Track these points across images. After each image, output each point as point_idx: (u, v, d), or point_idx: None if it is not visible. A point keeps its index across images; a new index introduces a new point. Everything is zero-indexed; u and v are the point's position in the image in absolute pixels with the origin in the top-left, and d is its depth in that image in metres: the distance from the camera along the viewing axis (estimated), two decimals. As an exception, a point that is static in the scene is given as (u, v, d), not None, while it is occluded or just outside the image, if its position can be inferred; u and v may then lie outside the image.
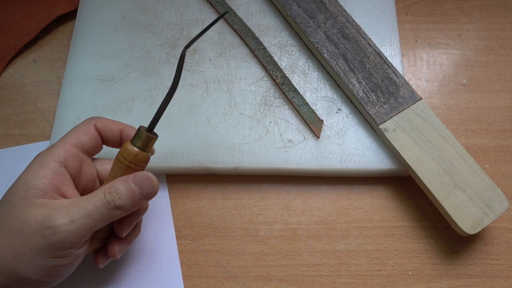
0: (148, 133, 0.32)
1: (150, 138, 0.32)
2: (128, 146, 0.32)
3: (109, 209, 0.30)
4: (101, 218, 0.30)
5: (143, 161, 0.32)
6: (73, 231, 0.29)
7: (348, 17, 0.44)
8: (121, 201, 0.31)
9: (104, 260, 0.35)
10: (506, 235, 0.39)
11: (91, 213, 0.30)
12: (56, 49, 0.48)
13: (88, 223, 0.30)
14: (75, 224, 0.29)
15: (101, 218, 0.30)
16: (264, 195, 0.41)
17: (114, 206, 0.31)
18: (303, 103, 0.42)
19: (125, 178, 0.31)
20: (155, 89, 0.44)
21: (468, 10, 0.49)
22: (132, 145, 0.32)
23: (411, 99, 0.40)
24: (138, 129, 0.32)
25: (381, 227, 0.40)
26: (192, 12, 0.48)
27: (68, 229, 0.29)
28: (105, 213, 0.30)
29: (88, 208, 0.30)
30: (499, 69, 0.46)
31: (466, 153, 0.38)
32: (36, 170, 0.31)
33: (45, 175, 0.31)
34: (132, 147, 0.32)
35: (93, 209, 0.30)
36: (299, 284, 0.38)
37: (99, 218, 0.30)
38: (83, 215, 0.30)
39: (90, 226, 0.30)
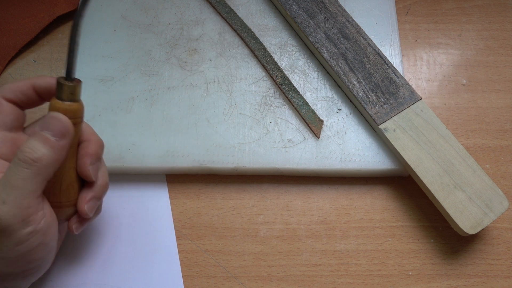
0: (69, 81, 0.30)
1: (73, 87, 0.30)
2: (54, 103, 0.30)
3: (29, 167, 0.28)
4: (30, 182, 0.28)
5: (77, 112, 0.31)
6: (9, 211, 0.27)
7: (348, 17, 0.44)
8: (36, 153, 0.28)
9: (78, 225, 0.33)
10: (506, 235, 0.39)
11: (16, 183, 0.27)
12: (56, 49, 0.48)
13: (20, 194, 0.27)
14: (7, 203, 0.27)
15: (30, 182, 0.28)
16: (264, 195, 0.41)
17: (32, 160, 0.28)
18: (303, 103, 0.42)
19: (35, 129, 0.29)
20: (155, 89, 0.44)
21: (468, 10, 0.49)
22: (58, 100, 0.30)
23: (411, 99, 0.40)
24: (57, 81, 0.30)
25: (381, 227, 0.40)
26: (192, 12, 0.48)
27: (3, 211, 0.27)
28: (29, 174, 0.28)
29: (10, 180, 0.27)
30: (499, 69, 0.46)
31: (466, 153, 0.38)
32: None
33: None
34: (57, 101, 0.30)
35: (15, 178, 0.27)
36: (299, 284, 0.38)
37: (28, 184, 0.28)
38: (10, 189, 0.27)
39: (23, 196, 0.27)
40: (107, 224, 0.40)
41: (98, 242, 0.39)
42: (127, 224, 0.40)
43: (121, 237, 0.39)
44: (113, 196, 0.41)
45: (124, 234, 0.40)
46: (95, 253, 0.39)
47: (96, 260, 0.39)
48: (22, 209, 0.27)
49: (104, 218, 0.40)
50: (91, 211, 0.33)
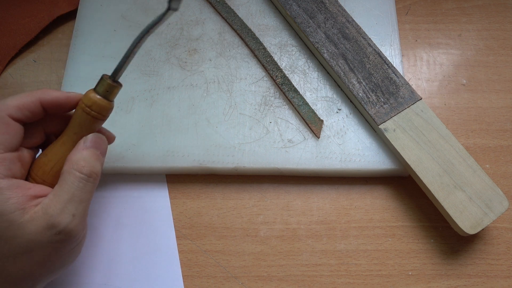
0: (111, 81, 0.32)
1: (113, 86, 0.32)
2: (90, 93, 0.32)
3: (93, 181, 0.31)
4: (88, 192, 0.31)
5: (104, 109, 0.32)
6: (78, 223, 0.30)
7: (348, 17, 0.44)
8: (96, 167, 0.32)
9: None
10: (506, 235, 0.39)
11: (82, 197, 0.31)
12: (56, 49, 0.48)
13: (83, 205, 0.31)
14: (76, 216, 0.30)
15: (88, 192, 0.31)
16: (264, 195, 0.41)
17: (96, 175, 0.32)
18: (303, 103, 0.42)
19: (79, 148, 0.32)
20: (155, 89, 0.44)
21: (468, 10, 0.49)
22: (94, 92, 0.32)
23: (411, 99, 0.40)
24: (102, 76, 0.32)
25: (381, 227, 0.40)
26: (192, 12, 0.48)
27: (74, 223, 0.30)
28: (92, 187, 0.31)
29: (76, 195, 0.30)
30: (499, 69, 0.46)
31: (466, 153, 0.38)
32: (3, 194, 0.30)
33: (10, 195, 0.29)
34: (93, 94, 0.32)
35: (81, 192, 0.31)
36: (299, 284, 0.38)
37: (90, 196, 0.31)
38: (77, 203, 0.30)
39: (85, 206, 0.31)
40: (107, 224, 0.40)
41: (98, 242, 0.39)
42: (127, 224, 0.40)
43: (121, 237, 0.39)
44: (113, 196, 0.41)
45: (124, 234, 0.40)
46: (95, 253, 0.39)
47: (96, 260, 0.39)
48: (85, 219, 0.31)
49: (104, 218, 0.40)
50: None
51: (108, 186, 0.41)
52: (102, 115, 0.33)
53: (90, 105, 0.32)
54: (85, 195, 0.31)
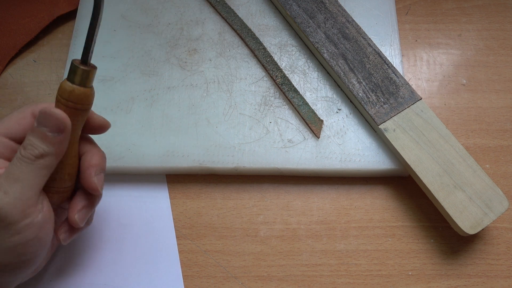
0: (82, 65, 0.29)
1: (86, 71, 0.29)
2: (64, 84, 0.29)
3: (32, 162, 0.28)
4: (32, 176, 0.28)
5: (82, 97, 0.29)
6: (10, 202, 0.28)
7: (348, 17, 0.44)
8: (37, 149, 0.29)
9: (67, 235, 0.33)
10: (506, 235, 0.39)
11: (18, 176, 0.28)
12: (56, 49, 0.48)
13: (22, 186, 0.28)
14: (9, 194, 0.28)
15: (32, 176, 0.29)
16: (264, 195, 0.41)
17: (34, 157, 0.28)
18: (303, 103, 0.42)
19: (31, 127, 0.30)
20: (155, 89, 0.44)
21: (468, 10, 0.49)
22: (68, 82, 0.29)
23: (411, 99, 0.40)
24: (72, 63, 0.29)
25: (381, 227, 0.40)
26: (192, 12, 0.48)
27: (4, 202, 0.27)
28: (32, 169, 0.28)
29: (13, 173, 0.28)
30: (499, 69, 0.46)
31: (466, 153, 0.38)
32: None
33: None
34: (67, 83, 0.29)
35: (18, 172, 0.28)
36: (299, 284, 0.38)
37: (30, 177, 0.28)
38: (12, 181, 0.28)
39: (25, 188, 0.28)
40: (107, 224, 0.40)
41: (98, 242, 0.39)
42: (127, 224, 0.40)
43: (121, 237, 0.39)
44: (113, 196, 0.41)
45: (124, 234, 0.40)
46: (95, 253, 0.39)
47: (96, 260, 0.39)
48: (23, 201, 0.28)
49: (104, 218, 0.40)
50: (82, 221, 0.32)
51: (108, 186, 0.41)
52: (84, 104, 0.30)
53: (67, 97, 0.29)
54: (25, 175, 0.28)
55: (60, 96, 0.29)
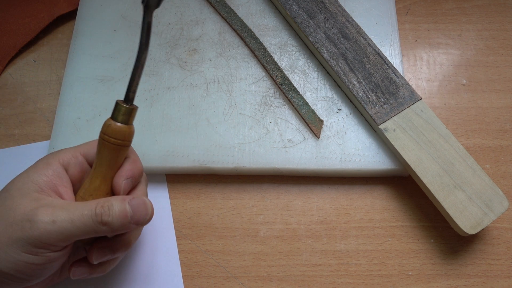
0: (126, 104, 0.31)
1: (131, 109, 0.31)
2: (109, 122, 0.31)
3: (95, 221, 0.29)
4: (84, 229, 0.29)
5: (127, 135, 0.31)
6: (51, 231, 0.28)
7: (348, 17, 0.44)
8: (110, 217, 0.30)
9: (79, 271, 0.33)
10: (506, 235, 0.39)
11: (74, 219, 0.29)
12: (56, 49, 0.48)
13: (69, 229, 0.29)
14: (55, 225, 0.28)
15: (84, 229, 0.29)
16: (264, 195, 0.41)
17: (101, 221, 0.29)
18: (303, 103, 0.42)
19: (122, 198, 0.31)
20: (155, 89, 0.44)
21: (468, 10, 0.49)
22: (113, 120, 0.31)
23: (411, 99, 0.40)
24: (116, 102, 0.31)
25: (381, 227, 0.40)
26: (192, 12, 0.48)
27: (46, 228, 0.28)
28: (90, 224, 0.29)
29: (74, 214, 0.29)
30: (499, 69, 0.46)
31: (466, 153, 0.38)
32: (39, 167, 0.32)
33: (46, 173, 0.31)
34: (113, 122, 0.31)
35: (79, 217, 0.29)
36: (299, 284, 0.38)
37: (82, 228, 0.29)
38: (67, 219, 0.29)
39: (70, 232, 0.29)
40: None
41: (98, 242, 0.39)
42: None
43: (121, 237, 0.39)
44: (113, 196, 0.41)
45: (124, 234, 0.40)
46: (95, 253, 0.39)
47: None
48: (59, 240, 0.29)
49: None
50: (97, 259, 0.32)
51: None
52: (127, 141, 0.32)
53: (112, 135, 0.30)
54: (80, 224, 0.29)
55: (107, 135, 0.31)
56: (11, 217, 0.29)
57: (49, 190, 0.31)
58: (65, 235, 0.29)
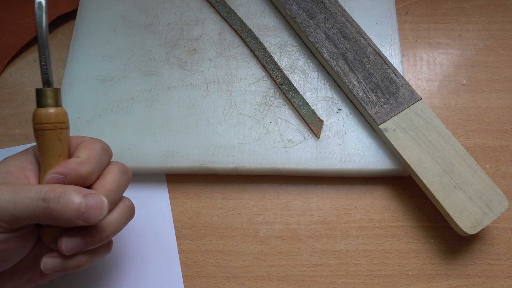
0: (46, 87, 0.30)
1: (56, 90, 0.30)
2: (37, 111, 0.30)
3: (40, 206, 0.27)
4: (25, 211, 0.27)
5: (65, 115, 0.31)
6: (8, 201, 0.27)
7: (348, 17, 0.44)
8: (58, 205, 0.27)
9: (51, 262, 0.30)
10: (506, 235, 0.39)
11: (17, 200, 0.27)
12: (56, 49, 0.48)
13: (9, 209, 0.27)
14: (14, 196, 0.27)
15: (26, 212, 0.27)
16: (264, 195, 0.41)
17: (48, 206, 0.27)
18: (303, 103, 0.42)
19: (79, 189, 0.28)
20: (155, 89, 0.44)
21: (468, 10, 0.49)
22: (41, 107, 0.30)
23: (411, 99, 0.40)
24: (37, 90, 0.30)
25: (381, 227, 0.40)
26: (192, 12, 0.48)
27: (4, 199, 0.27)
28: (32, 208, 0.27)
29: (19, 195, 0.27)
30: (499, 69, 0.46)
31: (466, 153, 0.38)
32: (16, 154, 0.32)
33: (20, 157, 0.31)
34: (45, 108, 0.30)
35: (23, 198, 0.27)
36: (299, 284, 0.38)
37: (23, 210, 0.27)
38: (9, 198, 0.27)
39: (10, 213, 0.27)
40: (107, 224, 0.40)
41: (98, 242, 0.39)
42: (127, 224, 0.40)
43: (121, 237, 0.39)
44: (113, 196, 0.41)
45: (124, 234, 0.40)
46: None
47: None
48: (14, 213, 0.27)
49: (104, 218, 0.40)
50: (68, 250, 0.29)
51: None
52: (65, 122, 0.31)
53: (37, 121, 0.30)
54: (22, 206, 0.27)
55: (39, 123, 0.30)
56: None
57: (17, 172, 0.30)
58: (6, 216, 0.27)
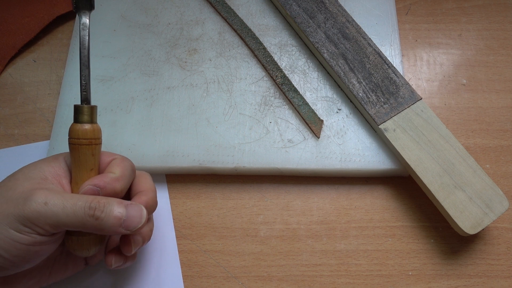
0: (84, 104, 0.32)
1: (90, 108, 0.32)
2: (73, 126, 0.32)
3: (86, 214, 0.29)
4: (73, 218, 0.29)
5: (99, 132, 0.32)
6: (41, 212, 0.28)
7: (348, 17, 0.44)
8: (103, 214, 0.30)
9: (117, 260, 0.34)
10: (506, 235, 0.39)
11: (67, 206, 0.29)
12: (56, 49, 0.48)
13: (59, 214, 0.29)
14: (46, 208, 0.29)
15: (73, 218, 0.29)
16: (264, 195, 0.41)
17: (93, 215, 0.29)
18: (303, 103, 0.42)
19: (120, 201, 0.31)
20: (155, 89, 0.44)
21: (468, 10, 0.49)
22: (77, 123, 0.32)
23: (411, 99, 0.40)
24: (75, 106, 0.32)
25: (381, 227, 0.40)
26: (192, 12, 0.48)
27: (37, 208, 0.28)
28: (80, 215, 0.29)
29: (68, 201, 0.29)
30: (499, 69, 0.46)
31: (466, 153, 0.38)
32: (47, 159, 0.33)
33: (52, 164, 0.32)
34: (82, 125, 0.32)
35: (71, 205, 0.29)
36: (299, 284, 0.38)
37: (71, 217, 0.29)
38: (59, 203, 0.29)
39: (58, 217, 0.29)
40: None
41: (98, 242, 0.39)
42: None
43: (121, 237, 0.39)
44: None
45: (124, 234, 0.40)
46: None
47: (96, 260, 0.39)
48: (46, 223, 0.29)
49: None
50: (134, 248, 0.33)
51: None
52: (97, 138, 0.32)
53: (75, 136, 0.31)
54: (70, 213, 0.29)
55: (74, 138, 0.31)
56: (9, 195, 0.29)
57: (53, 178, 0.32)
58: (54, 220, 0.29)
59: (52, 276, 0.34)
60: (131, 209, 0.31)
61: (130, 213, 0.31)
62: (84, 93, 0.32)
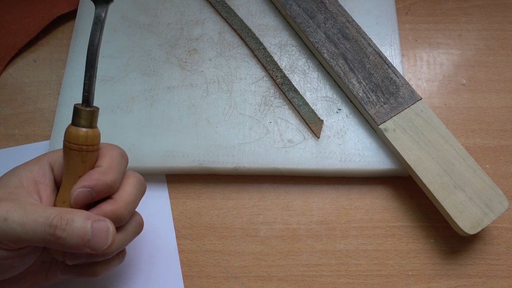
0: (85, 107, 0.29)
1: (92, 112, 0.29)
2: (70, 129, 0.29)
3: (46, 232, 0.27)
4: (33, 236, 0.27)
5: (95, 138, 0.30)
6: (1, 228, 0.26)
7: (348, 17, 0.44)
8: (64, 233, 0.27)
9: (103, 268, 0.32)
10: (506, 235, 0.39)
11: (26, 223, 0.27)
12: (56, 49, 0.48)
13: (18, 231, 0.27)
14: (6, 224, 0.26)
15: (33, 236, 0.27)
16: (264, 195, 0.41)
17: (54, 234, 0.27)
18: (303, 103, 0.42)
19: (87, 216, 0.28)
20: (155, 89, 0.44)
21: (468, 10, 0.49)
22: (76, 126, 0.29)
23: (411, 99, 0.40)
24: (75, 107, 0.29)
25: (381, 227, 0.40)
26: (192, 12, 0.48)
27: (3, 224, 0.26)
28: (40, 233, 0.27)
29: (28, 217, 0.27)
30: (499, 69, 0.46)
31: (466, 153, 0.38)
32: (29, 163, 0.31)
33: (32, 169, 0.30)
34: (76, 128, 0.29)
35: (31, 222, 0.27)
36: (299, 284, 0.38)
37: (31, 234, 0.27)
38: (18, 220, 0.27)
39: (18, 235, 0.27)
40: (107, 224, 0.40)
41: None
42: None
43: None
44: (113, 196, 0.41)
45: (124, 234, 0.40)
46: (95, 253, 0.39)
47: (96, 260, 0.39)
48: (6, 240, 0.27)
49: (104, 218, 0.40)
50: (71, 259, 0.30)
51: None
52: (96, 145, 0.30)
53: (73, 140, 0.29)
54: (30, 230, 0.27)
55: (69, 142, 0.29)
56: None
57: (29, 185, 0.30)
58: (15, 237, 0.27)
59: (49, 278, 0.33)
60: (97, 226, 0.28)
61: (96, 231, 0.28)
62: (85, 94, 0.29)
